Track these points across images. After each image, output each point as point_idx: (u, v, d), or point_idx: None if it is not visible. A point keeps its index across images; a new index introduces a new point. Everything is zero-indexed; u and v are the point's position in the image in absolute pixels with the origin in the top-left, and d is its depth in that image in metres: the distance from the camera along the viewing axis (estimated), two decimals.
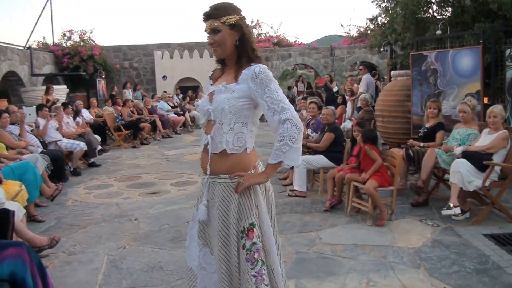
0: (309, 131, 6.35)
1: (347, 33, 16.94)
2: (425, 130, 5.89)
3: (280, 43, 21.56)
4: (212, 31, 2.13)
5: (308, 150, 6.09)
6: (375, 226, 4.69)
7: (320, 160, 5.90)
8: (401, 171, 5.32)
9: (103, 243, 4.43)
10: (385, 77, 13.05)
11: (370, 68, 13.01)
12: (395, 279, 3.46)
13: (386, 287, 3.36)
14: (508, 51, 6.08)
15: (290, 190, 5.98)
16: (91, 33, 17.92)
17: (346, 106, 9.92)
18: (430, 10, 8.93)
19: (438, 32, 7.10)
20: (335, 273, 3.61)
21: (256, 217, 2.15)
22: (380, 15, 10.53)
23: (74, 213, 5.54)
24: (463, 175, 4.65)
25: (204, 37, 2.23)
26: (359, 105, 9.31)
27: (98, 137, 9.48)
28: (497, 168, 4.75)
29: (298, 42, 22.90)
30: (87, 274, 3.72)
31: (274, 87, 2.10)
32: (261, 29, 22.43)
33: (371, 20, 10.87)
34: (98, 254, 4.14)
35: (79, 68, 16.63)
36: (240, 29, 2.16)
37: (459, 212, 4.62)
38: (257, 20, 22.62)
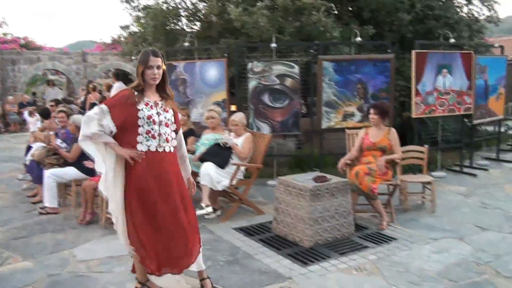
0: (59, 141, 5.85)
1: (101, 39, 16.53)
2: None
3: (28, 45, 19.65)
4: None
5: (57, 162, 5.66)
6: None
7: (71, 172, 5.55)
8: None
9: None
10: None
11: (124, 75, 12.88)
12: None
13: None
14: (250, 65, 6.87)
15: (40, 208, 5.48)
16: None
17: None
18: (180, 23, 9.35)
19: (187, 44, 7.48)
20: None
21: None
22: (132, 24, 10.54)
23: None
24: (212, 176, 5.00)
25: None
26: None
27: None
28: (243, 168, 5.27)
29: (48, 46, 21.36)
30: None
31: None
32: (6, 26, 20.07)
33: (123, 28, 10.78)
34: None
35: None
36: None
37: (211, 210, 4.97)
38: (3, 18, 20.16)
